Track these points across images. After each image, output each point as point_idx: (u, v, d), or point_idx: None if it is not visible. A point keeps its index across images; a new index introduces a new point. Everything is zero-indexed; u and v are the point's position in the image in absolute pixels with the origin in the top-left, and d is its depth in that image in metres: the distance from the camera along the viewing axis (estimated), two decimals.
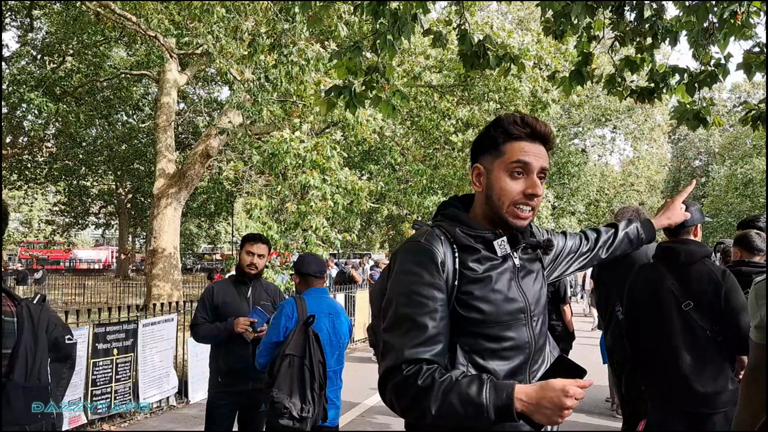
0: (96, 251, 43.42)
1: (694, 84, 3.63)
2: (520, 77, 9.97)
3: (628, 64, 3.87)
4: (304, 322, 2.88)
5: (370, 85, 3.74)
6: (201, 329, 3.41)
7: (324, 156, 7.88)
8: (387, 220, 22.06)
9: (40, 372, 1.94)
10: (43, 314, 2.01)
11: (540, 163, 1.37)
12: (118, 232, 31.24)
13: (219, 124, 9.94)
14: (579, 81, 3.90)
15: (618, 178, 32.80)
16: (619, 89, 4.03)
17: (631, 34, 3.71)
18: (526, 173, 1.37)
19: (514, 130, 1.38)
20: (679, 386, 2.53)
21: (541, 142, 1.40)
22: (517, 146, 1.38)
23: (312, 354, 2.83)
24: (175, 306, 6.74)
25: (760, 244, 3.13)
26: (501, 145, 1.40)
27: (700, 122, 3.72)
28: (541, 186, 1.39)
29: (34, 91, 12.03)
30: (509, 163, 1.37)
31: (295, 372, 2.80)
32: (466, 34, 3.80)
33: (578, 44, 3.96)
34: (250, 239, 3.54)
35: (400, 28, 3.37)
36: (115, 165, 21.61)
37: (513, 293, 1.40)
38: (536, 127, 1.38)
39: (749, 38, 3.45)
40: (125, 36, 14.43)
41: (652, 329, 2.66)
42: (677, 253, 2.62)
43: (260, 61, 7.64)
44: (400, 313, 1.31)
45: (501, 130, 1.40)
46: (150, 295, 10.41)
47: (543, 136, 1.40)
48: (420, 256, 1.35)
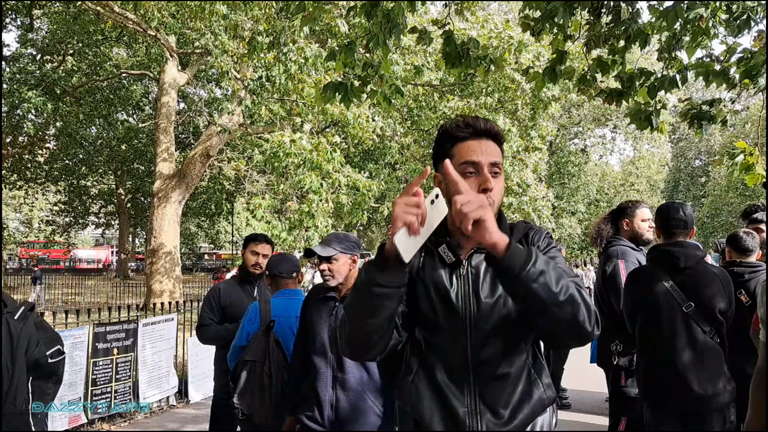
0: (96, 251, 43.44)
1: (656, 87, 3.69)
2: (520, 72, 9.97)
3: (600, 65, 3.91)
4: (265, 327, 2.87)
5: (365, 80, 3.83)
6: (209, 330, 3.40)
7: (325, 157, 7.89)
8: (387, 221, 22.07)
9: (15, 396, 1.85)
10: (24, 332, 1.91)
11: (489, 158, 1.39)
12: (118, 231, 31.26)
13: (219, 123, 9.95)
14: (552, 79, 3.95)
15: (618, 178, 32.81)
16: (588, 89, 4.08)
17: (605, 36, 3.75)
18: (477, 171, 1.38)
19: (458, 132, 1.43)
20: (677, 387, 2.54)
21: (488, 138, 1.42)
22: (464, 147, 1.41)
23: (271, 360, 2.81)
24: (175, 306, 6.75)
25: (750, 244, 3.14)
26: (449, 150, 1.43)
27: (649, 124, 3.82)
28: (498, 180, 1.39)
29: (34, 90, 12.04)
30: (459, 165, 1.38)
31: (255, 378, 2.79)
32: (451, 35, 3.84)
33: (553, 42, 4.00)
34: (254, 239, 3.54)
35: (391, 29, 3.40)
36: (115, 165, 21.63)
37: (451, 297, 1.40)
38: (478, 125, 1.41)
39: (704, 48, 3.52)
40: (125, 35, 14.43)
41: (652, 331, 2.67)
42: (676, 257, 2.62)
43: (260, 59, 7.65)
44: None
45: (447, 136, 1.45)
46: (150, 294, 10.42)
47: (487, 132, 1.42)
48: None
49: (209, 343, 3.50)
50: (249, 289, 3.54)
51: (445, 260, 1.43)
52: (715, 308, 2.54)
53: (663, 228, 2.78)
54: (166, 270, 10.60)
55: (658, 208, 2.86)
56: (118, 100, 17.32)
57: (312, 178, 7.70)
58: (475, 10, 10.05)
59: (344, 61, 3.66)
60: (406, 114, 12.14)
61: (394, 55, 9.50)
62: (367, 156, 16.28)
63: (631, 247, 3.27)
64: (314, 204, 7.71)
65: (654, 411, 2.67)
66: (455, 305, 1.39)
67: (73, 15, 12.55)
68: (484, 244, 1.19)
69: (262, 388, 2.78)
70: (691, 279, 2.60)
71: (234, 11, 7.63)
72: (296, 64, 7.65)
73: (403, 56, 10.00)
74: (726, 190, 28.49)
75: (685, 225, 2.71)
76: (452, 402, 1.36)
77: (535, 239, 1.48)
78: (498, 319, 1.37)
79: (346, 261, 2.54)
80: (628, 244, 3.30)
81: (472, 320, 1.38)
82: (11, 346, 1.85)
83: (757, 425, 1.74)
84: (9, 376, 1.82)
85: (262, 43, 7.38)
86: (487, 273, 1.40)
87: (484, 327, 1.37)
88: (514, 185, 11.28)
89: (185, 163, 11.32)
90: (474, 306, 1.39)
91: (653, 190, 32.88)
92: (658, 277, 2.66)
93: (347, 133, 9.41)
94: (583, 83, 4.06)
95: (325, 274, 2.52)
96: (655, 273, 2.68)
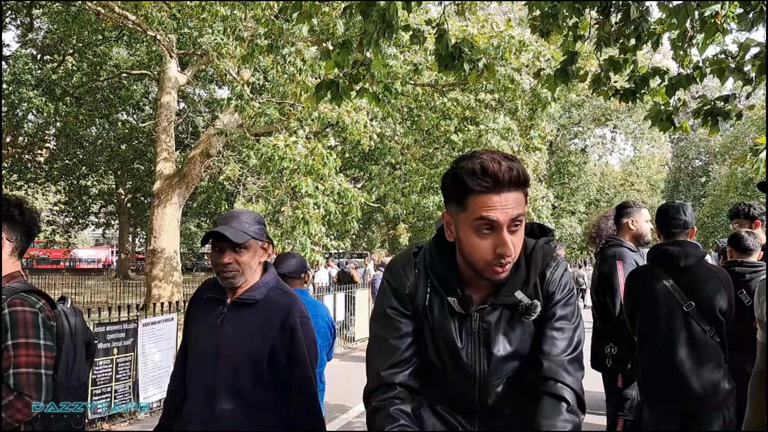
0: (96, 251, 43.45)
1: (672, 86, 3.67)
2: (520, 71, 9.95)
3: (612, 65, 3.90)
4: None
5: (356, 78, 3.83)
6: None
7: (320, 162, 7.89)
8: (387, 220, 22.08)
9: (80, 372, 2.04)
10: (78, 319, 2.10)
11: (509, 215, 1.19)
12: (118, 231, 31.25)
13: (217, 125, 9.95)
14: (563, 80, 3.91)
15: (618, 177, 32.82)
16: (604, 89, 4.06)
17: (615, 35, 3.74)
18: (493, 229, 1.21)
19: (473, 185, 1.19)
20: (677, 386, 2.54)
21: (510, 189, 1.20)
22: (480, 201, 1.20)
23: None
24: (175, 306, 6.74)
25: (751, 243, 3.13)
26: (463, 199, 1.23)
27: (671, 124, 3.79)
28: (518, 233, 1.24)
29: (34, 90, 12.04)
30: (473, 220, 1.21)
31: None
32: (443, 35, 3.82)
33: (564, 43, 3.99)
34: None
35: (385, 30, 3.40)
36: (115, 165, 21.63)
37: (460, 353, 1.36)
38: (500, 176, 1.18)
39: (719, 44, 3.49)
40: (125, 35, 14.43)
41: (652, 330, 2.67)
42: (676, 257, 2.62)
43: (259, 61, 7.65)
44: (373, 327, 1.44)
45: (461, 185, 1.22)
46: (150, 294, 10.42)
47: (511, 183, 1.19)
48: (393, 281, 1.42)
49: None
50: None
51: (454, 310, 1.36)
52: (715, 308, 2.55)
53: (663, 228, 2.78)
54: (166, 270, 10.60)
55: (659, 208, 2.86)
56: (118, 100, 17.33)
57: (308, 182, 7.70)
58: (475, 10, 10.05)
59: (336, 60, 3.66)
60: (406, 114, 12.13)
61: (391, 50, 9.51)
62: (366, 157, 16.29)
63: (630, 248, 3.23)
64: (308, 209, 7.71)
65: (654, 411, 2.67)
66: (464, 362, 1.36)
67: (73, 15, 12.54)
68: None
69: None
70: (691, 278, 2.60)
71: (234, 11, 7.63)
72: (295, 67, 7.66)
73: (402, 53, 10.00)
74: (726, 190, 28.47)
75: (685, 225, 2.71)
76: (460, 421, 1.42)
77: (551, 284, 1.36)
78: (507, 373, 1.37)
79: (257, 250, 1.93)
80: (627, 245, 3.25)
81: (481, 377, 1.37)
82: (71, 332, 2.00)
83: (756, 425, 1.74)
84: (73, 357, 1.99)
85: (261, 46, 7.40)
86: (499, 328, 1.35)
87: (493, 382, 1.37)
88: None
89: (185, 163, 11.32)
90: (484, 362, 1.36)
91: (653, 190, 32.89)
92: (658, 276, 2.66)
93: (344, 136, 9.41)
94: (597, 84, 4.04)
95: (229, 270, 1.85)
96: (655, 272, 2.69)
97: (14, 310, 1.80)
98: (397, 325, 1.37)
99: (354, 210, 8.63)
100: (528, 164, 12.15)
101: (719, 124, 3.63)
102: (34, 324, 1.81)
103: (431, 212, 12.49)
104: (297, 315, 1.90)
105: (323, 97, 3.83)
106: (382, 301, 1.42)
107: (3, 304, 1.81)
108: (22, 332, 1.79)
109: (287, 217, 7.92)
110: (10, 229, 1.90)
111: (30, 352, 1.79)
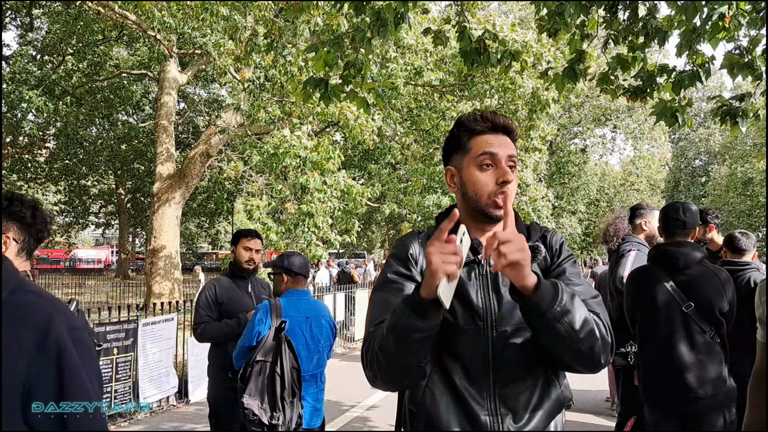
0: (96, 251, 43.45)
1: (679, 83, 3.68)
2: (521, 75, 9.97)
3: (620, 63, 3.89)
4: (276, 328, 2.82)
5: (346, 79, 3.75)
6: (208, 328, 3.34)
7: (325, 157, 7.88)
8: (387, 220, 22.08)
9: None
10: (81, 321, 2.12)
11: (506, 151, 1.40)
12: (118, 231, 31.26)
13: (218, 123, 9.94)
14: (572, 79, 3.90)
15: (618, 177, 32.82)
16: (611, 87, 4.06)
17: (623, 33, 3.73)
18: (494, 164, 1.39)
19: (476, 126, 1.44)
20: (677, 386, 2.54)
21: (504, 133, 1.44)
22: (481, 140, 1.42)
23: (283, 360, 2.77)
24: (175, 306, 6.74)
25: (744, 244, 3.21)
26: (466, 143, 1.44)
27: (676, 120, 3.80)
28: (512, 173, 1.39)
29: (34, 90, 12.05)
30: (477, 156, 1.40)
31: (265, 379, 2.76)
32: (464, 30, 3.79)
33: (571, 42, 3.98)
34: (247, 235, 3.50)
35: (379, 28, 3.36)
36: (115, 165, 21.63)
37: (471, 297, 1.36)
38: (496, 120, 1.43)
39: (731, 40, 3.48)
40: (125, 35, 14.43)
41: (652, 331, 2.67)
42: (675, 258, 2.63)
43: (257, 63, 7.65)
44: (374, 296, 1.45)
45: (464, 128, 1.45)
46: (150, 293, 10.42)
47: (504, 128, 1.44)
48: (396, 250, 1.49)
49: (209, 341, 3.44)
50: (243, 285, 3.50)
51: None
52: (714, 308, 2.55)
53: (664, 228, 2.79)
54: (166, 270, 10.60)
55: (662, 208, 2.88)
56: (118, 100, 17.33)
57: (315, 177, 7.68)
58: (474, 12, 10.04)
59: (325, 58, 3.54)
60: (406, 114, 12.14)
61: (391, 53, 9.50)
62: (367, 156, 16.27)
63: (645, 246, 3.36)
64: (314, 204, 7.69)
65: (654, 411, 2.67)
66: (475, 305, 1.35)
67: (73, 15, 12.55)
68: (516, 284, 1.19)
69: (273, 388, 2.75)
70: (691, 279, 2.60)
71: (233, 12, 7.62)
72: (295, 66, 7.65)
73: (403, 55, 10.00)
74: (726, 190, 28.48)
75: (684, 225, 2.71)
76: (472, 406, 1.32)
77: (553, 242, 1.47)
78: (519, 320, 1.33)
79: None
80: (643, 242, 3.40)
81: (493, 321, 1.35)
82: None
83: (756, 425, 1.74)
84: None
85: (260, 45, 7.38)
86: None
87: (505, 328, 1.34)
88: None
89: (185, 163, 11.32)
90: (495, 306, 1.35)
91: (653, 190, 32.89)
92: (658, 277, 2.66)
93: (347, 133, 9.40)
94: (605, 82, 4.04)
95: None
96: (655, 273, 2.69)
97: None
98: (399, 287, 1.39)
99: (358, 206, 8.62)
100: (528, 164, 12.15)
101: (739, 124, 3.62)
102: None
103: (431, 212, 12.50)
104: (64, 327, 1.12)
105: (311, 95, 3.71)
106: (384, 271, 1.46)
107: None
108: None
109: (290, 214, 7.90)
110: (20, 229, 1.88)
111: None
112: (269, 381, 2.75)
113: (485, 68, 3.94)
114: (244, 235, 3.51)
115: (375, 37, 3.42)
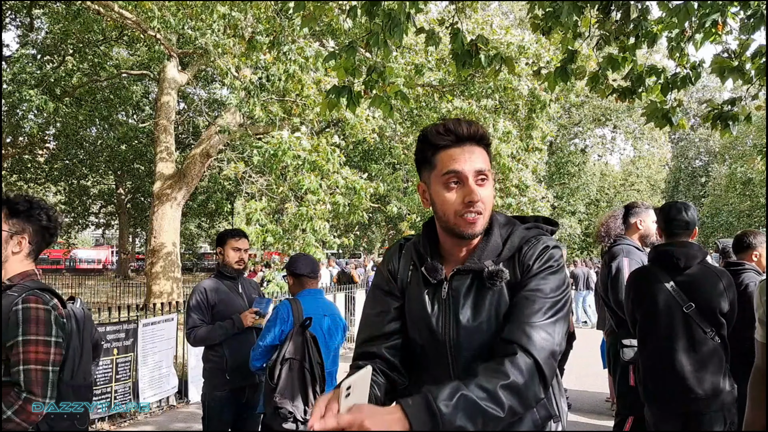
0: (96, 251, 43.41)
1: (669, 85, 3.68)
2: (519, 76, 9.96)
3: (610, 63, 3.91)
4: (300, 325, 2.86)
5: (369, 84, 3.76)
6: (202, 332, 3.32)
7: (324, 157, 7.87)
8: (387, 220, 22.07)
9: (85, 371, 2.08)
10: (88, 320, 2.16)
11: (474, 166, 1.29)
12: (118, 232, 31.24)
13: (218, 123, 9.93)
14: (563, 78, 3.90)
15: (618, 177, 32.81)
16: (601, 87, 4.07)
17: (615, 33, 3.74)
18: (461, 181, 1.30)
19: (439, 141, 1.32)
20: (678, 387, 2.54)
21: (472, 143, 1.32)
22: (446, 156, 1.31)
23: (311, 356, 2.84)
24: (175, 306, 6.74)
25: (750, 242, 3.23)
26: (431, 158, 1.34)
27: (667, 122, 3.79)
28: (486, 186, 1.31)
29: (34, 90, 12.03)
30: (441, 175, 1.31)
31: (296, 375, 2.81)
32: (458, 33, 3.81)
33: (563, 42, 3.99)
34: (234, 235, 3.46)
35: (392, 28, 3.37)
36: (115, 165, 21.61)
37: (431, 323, 1.35)
38: (460, 131, 1.31)
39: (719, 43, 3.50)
40: (125, 35, 14.42)
41: (653, 331, 2.67)
42: (676, 258, 2.62)
43: (259, 59, 7.64)
44: (363, 312, 1.52)
45: (427, 143, 1.35)
46: (150, 294, 10.41)
47: (470, 137, 1.31)
48: (382, 262, 1.53)
49: (203, 344, 3.41)
50: (233, 285, 3.48)
51: (428, 280, 1.38)
52: (715, 309, 2.54)
53: (664, 228, 2.78)
54: (166, 270, 10.60)
55: (660, 208, 2.87)
56: (118, 100, 17.31)
57: (311, 178, 7.67)
58: (476, 8, 10.05)
59: (345, 65, 3.55)
60: (406, 114, 12.13)
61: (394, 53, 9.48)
62: (367, 156, 16.27)
63: (637, 247, 3.34)
64: (311, 205, 7.68)
65: (654, 411, 2.67)
66: (435, 331, 1.36)
67: (73, 15, 12.53)
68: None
69: (304, 385, 2.81)
70: (692, 279, 2.60)
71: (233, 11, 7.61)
72: (296, 64, 7.64)
73: (403, 55, 9.99)
74: (726, 190, 28.47)
75: (686, 226, 2.70)
76: None
77: (527, 257, 1.32)
78: (478, 345, 1.31)
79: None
80: (635, 244, 3.36)
81: (452, 347, 1.34)
82: (79, 331, 2.07)
83: (756, 425, 1.74)
84: (79, 356, 2.03)
85: (261, 42, 7.37)
86: (468, 296, 1.33)
87: (464, 354, 1.33)
88: (513, 186, 11.28)
89: (185, 163, 11.31)
90: (454, 332, 1.34)
91: (653, 190, 32.88)
92: (659, 277, 2.65)
93: (347, 132, 9.39)
94: (595, 82, 4.05)
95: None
96: (656, 273, 2.68)
97: (28, 306, 1.83)
98: (379, 302, 1.45)
99: (363, 200, 8.60)
100: (528, 165, 12.14)
101: (730, 127, 3.63)
102: (46, 321, 1.85)
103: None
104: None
105: (336, 103, 3.68)
106: (372, 281, 1.55)
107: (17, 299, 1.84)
108: (33, 329, 1.82)
109: (290, 215, 7.89)
110: (35, 233, 1.99)
111: (40, 349, 1.82)
112: (300, 377, 2.83)
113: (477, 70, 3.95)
114: (232, 235, 3.46)
115: (389, 38, 3.42)
